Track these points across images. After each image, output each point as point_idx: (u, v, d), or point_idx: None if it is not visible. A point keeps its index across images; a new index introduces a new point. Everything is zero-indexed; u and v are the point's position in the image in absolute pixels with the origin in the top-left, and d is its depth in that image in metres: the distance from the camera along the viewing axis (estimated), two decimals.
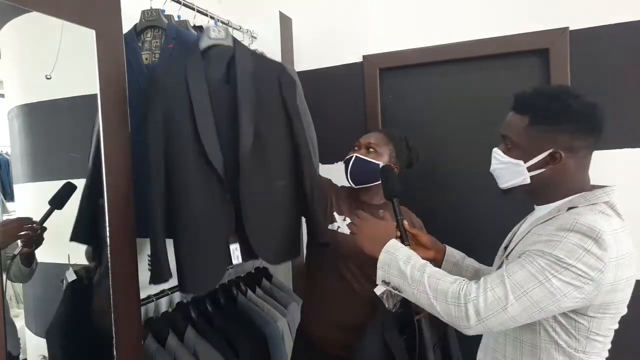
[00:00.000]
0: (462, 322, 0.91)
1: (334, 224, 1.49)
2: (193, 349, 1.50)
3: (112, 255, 1.10)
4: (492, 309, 0.89)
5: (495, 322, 0.89)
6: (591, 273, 0.86)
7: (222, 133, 1.28)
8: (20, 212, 1.12)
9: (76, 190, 1.12)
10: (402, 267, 1.02)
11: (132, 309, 1.18)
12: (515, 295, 0.88)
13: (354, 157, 1.48)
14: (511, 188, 1.06)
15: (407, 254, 1.05)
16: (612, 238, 0.87)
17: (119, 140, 1.13)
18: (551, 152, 0.96)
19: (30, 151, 1.12)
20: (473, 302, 0.90)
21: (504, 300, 0.88)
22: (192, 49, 1.32)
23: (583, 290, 0.87)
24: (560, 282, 0.86)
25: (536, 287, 0.87)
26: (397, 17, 2.00)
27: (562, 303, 0.88)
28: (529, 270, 0.89)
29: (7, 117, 1.11)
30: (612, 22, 1.67)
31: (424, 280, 0.97)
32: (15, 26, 1.04)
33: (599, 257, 0.86)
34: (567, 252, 0.87)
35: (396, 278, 1.03)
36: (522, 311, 0.88)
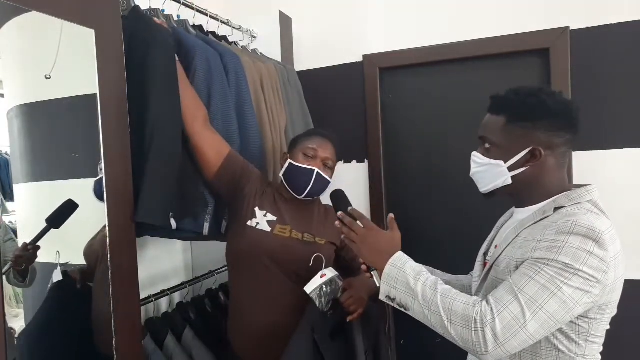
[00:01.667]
0: (479, 347, 0.85)
1: (252, 220, 1.35)
2: (189, 351, 1.50)
3: (112, 255, 1.10)
4: (510, 330, 0.84)
5: (515, 343, 0.84)
6: (597, 275, 0.85)
7: None
8: (20, 212, 1.12)
9: (77, 209, 1.09)
10: (412, 283, 0.93)
11: (132, 309, 1.18)
12: (531, 311, 0.84)
13: (315, 172, 1.37)
14: (493, 191, 1.04)
15: (416, 269, 0.97)
16: (609, 237, 0.88)
17: (119, 140, 1.13)
18: (531, 149, 0.95)
19: (30, 151, 1.12)
20: (490, 325, 0.84)
21: (521, 318, 0.84)
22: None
23: (592, 294, 0.86)
24: (571, 289, 0.85)
25: (550, 299, 0.84)
26: (397, 17, 2.00)
27: (574, 312, 0.86)
28: (538, 282, 0.86)
29: (7, 117, 1.11)
30: (612, 22, 1.68)
31: (437, 301, 0.90)
32: (15, 26, 1.04)
33: (601, 258, 0.86)
34: (572, 256, 0.85)
35: (403, 295, 0.95)
36: (540, 327, 0.85)
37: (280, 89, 1.78)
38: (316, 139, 1.43)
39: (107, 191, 1.10)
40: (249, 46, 1.92)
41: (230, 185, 1.38)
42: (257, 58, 1.76)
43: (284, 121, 1.74)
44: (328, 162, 1.41)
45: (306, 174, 1.38)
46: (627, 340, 1.70)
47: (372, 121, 2.05)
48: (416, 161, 2.06)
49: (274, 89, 1.73)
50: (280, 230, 1.37)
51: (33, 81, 1.14)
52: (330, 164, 1.42)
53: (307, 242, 1.38)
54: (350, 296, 1.24)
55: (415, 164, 2.06)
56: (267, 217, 1.37)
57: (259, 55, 1.87)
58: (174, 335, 1.51)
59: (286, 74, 1.87)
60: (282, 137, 1.71)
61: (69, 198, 1.08)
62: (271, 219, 1.37)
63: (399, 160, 2.08)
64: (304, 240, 1.38)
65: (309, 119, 1.97)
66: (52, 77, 1.10)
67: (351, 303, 1.23)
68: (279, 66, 1.85)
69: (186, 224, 1.33)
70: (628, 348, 1.71)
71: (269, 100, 1.68)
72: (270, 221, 1.37)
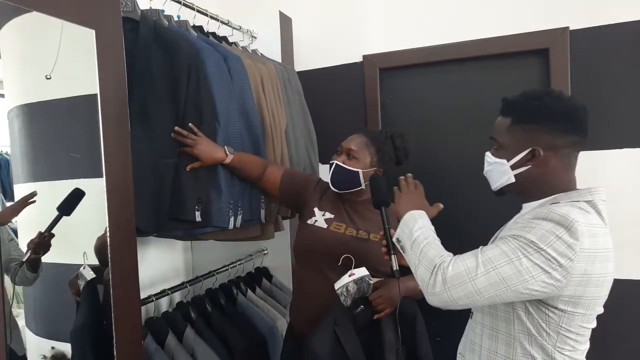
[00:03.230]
0: (429, 288, 0.94)
1: (312, 218, 1.49)
2: (191, 350, 1.50)
3: (112, 255, 1.10)
4: (459, 278, 0.91)
5: (461, 292, 0.91)
6: (560, 259, 0.88)
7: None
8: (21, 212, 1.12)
9: (84, 196, 1.11)
10: (415, 229, 1.05)
11: (132, 309, 1.18)
12: (485, 268, 0.90)
13: (334, 164, 1.48)
14: (502, 190, 1.08)
15: (425, 224, 1.08)
16: (585, 229, 0.89)
17: (119, 140, 1.13)
18: (531, 149, 0.99)
19: (30, 151, 1.12)
20: (443, 269, 0.93)
21: (473, 271, 0.91)
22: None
23: (551, 276, 0.88)
24: (530, 262, 0.88)
25: (506, 264, 0.89)
26: (397, 17, 2.00)
27: (529, 284, 0.89)
28: (501, 249, 0.92)
29: (7, 117, 1.11)
30: (612, 22, 1.68)
31: (421, 246, 1.01)
32: (15, 26, 1.04)
33: (569, 245, 0.88)
34: (539, 236, 0.89)
35: (406, 238, 1.07)
36: (488, 285, 0.90)
37: (281, 90, 1.78)
38: (350, 136, 1.53)
39: (108, 191, 1.10)
40: (249, 47, 1.92)
41: (293, 197, 1.56)
42: (257, 59, 1.76)
43: (284, 122, 1.74)
44: (351, 152, 1.48)
45: (330, 167, 1.49)
46: (628, 340, 1.70)
47: (372, 121, 2.05)
48: (416, 161, 2.06)
49: (274, 89, 1.73)
50: (336, 227, 1.47)
51: (33, 81, 1.14)
52: (355, 154, 1.47)
53: (360, 238, 1.46)
54: (379, 295, 1.33)
55: (415, 163, 2.06)
56: (325, 215, 1.49)
57: (259, 56, 1.87)
58: (175, 335, 1.51)
59: (286, 75, 1.87)
60: (282, 138, 1.71)
61: (76, 187, 1.11)
62: (329, 217, 1.49)
63: None
64: (358, 236, 1.46)
65: (309, 120, 1.97)
66: (53, 77, 1.10)
67: (380, 302, 1.32)
68: (279, 67, 1.85)
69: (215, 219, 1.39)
70: (629, 347, 1.71)
71: (269, 101, 1.68)
72: (328, 219, 1.48)
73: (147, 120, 1.33)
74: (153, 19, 1.37)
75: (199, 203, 1.35)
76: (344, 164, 1.46)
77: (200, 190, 1.36)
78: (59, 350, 1.15)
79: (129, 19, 1.32)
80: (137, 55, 1.31)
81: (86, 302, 1.16)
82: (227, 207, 1.41)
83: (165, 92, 1.34)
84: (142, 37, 1.33)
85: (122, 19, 1.17)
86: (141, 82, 1.31)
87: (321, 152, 1.95)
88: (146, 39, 1.33)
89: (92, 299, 1.16)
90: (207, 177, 1.38)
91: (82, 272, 1.14)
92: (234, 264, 1.91)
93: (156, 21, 1.38)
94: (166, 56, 1.34)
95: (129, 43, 1.22)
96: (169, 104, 1.35)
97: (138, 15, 1.35)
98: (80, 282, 1.15)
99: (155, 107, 1.34)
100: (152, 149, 1.33)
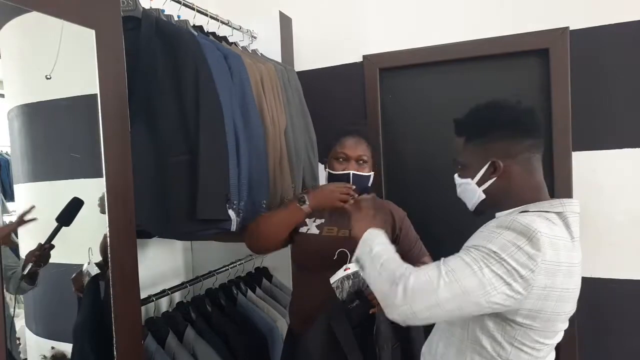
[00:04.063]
0: (389, 300, 0.91)
1: (304, 227, 1.50)
2: (192, 350, 1.51)
3: (112, 255, 1.10)
4: (421, 289, 0.88)
5: (422, 304, 0.87)
6: (522, 271, 0.85)
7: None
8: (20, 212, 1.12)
9: (83, 205, 1.11)
10: (374, 245, 1.04)
11: (132, 309, 1.18)
12: (448, 279, 0.87)
13: (350, 174, 1.47)
14: (478, 208, 1.07)
15: (385, 241, 1.06)
16: (548, 241, 0.87)
17: (119, 140, 1.13)
18: (491, 162, 0.99)
19: (30, 151, 1.12)
20: (405, 280, 0.90)
21: (435, 282, 0.87)
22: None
23: (512, 287, 0.86)
24: (492, 273, 0.86)
25: (469, 276, 0.86)
26: (397, 17, 2.00)
27: (491, 297, 0.86)
28: (463, 259, 0.89)
29: (7, 117, 1.11)
30: (612, 22, 1.68)
31: (381, 260, 0.98)
32: (15, 26, 1.04)
33: (530, 256, 0.85)
34: (500, 246, 0.87)
35: (366, 254, 1.04)
36: (451, 297, 0.86)
37: (281, 90, 1.78)
38: (345, 140, 1.51)
39: (108, 191, 1.10)
40: (249, 47, 1.92)
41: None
42: (257, 59, 1.76)
43: (283, 122, 1.74)
44: (362, 158, 1.49)
45: (343, 179, 1.48)
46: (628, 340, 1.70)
47: (372, 121, 2.04)
48: (416, 161, 2.06)
49: (274, 89, 1.73)
50: (328, 230, 1.49)
51: (33, 81, 1.14)
52: (365, 159, 1.49)
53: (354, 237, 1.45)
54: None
55: (416, 164, 2.06)
56: (316, 222, 1.51)
57: (259, 56, 1.87)
58: (175, 335, 1.51)
59: (286, 75, 1.87)
60: (281, 138, 1.71)
61: (75, 196, 1.10)
62: (320, 223, 1.50)
63: (399, 160, 2.08)
64: (351, 237, 1.45)
65: (309, 120, 1.97)
66: (53, 77, 1.10)
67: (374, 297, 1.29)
68: (278, 66, 1.85)
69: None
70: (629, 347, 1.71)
71: (269, 100, 1.68)
72: (319, 224, 1.50)
73: (152, 118, 1.30)
74: (155, 16, 1.37)
75: (228, 200, 1.34)
76: (358, 172, 1.48)
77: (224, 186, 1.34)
78: (59, 350, 1.15)
79: (130, 18, 1.32)
80: (140, 52, 1.30)
81: (89, 298, 1.16)
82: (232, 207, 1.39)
83: (170, 87, 1.32)
84: (145, 33, 1.31)
85: (124, 18, 1.17)
86: (145, 78, 1.30)
87: (321, 152, 1.95)
88: (149, 34, 1.32)
89: (95, 295, 1.16)
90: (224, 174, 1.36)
91: (87, 267, 1.14)
92: (234, 264, 1.91)
93: (158, 17, 1.37)
94: (169, 50, 1.32)
95: (132, 41, 1.22)
96: (174, 100, 1.32)
97: (140, 13, 1.35)
98: (84, 278, 1.15)
99: (160, 103, 1.31)
100: (157, 146, 1.30)
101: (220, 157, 1.34)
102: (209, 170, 1.30)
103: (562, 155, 1.75)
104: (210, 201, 1.29)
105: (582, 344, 1.68)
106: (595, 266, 1.70)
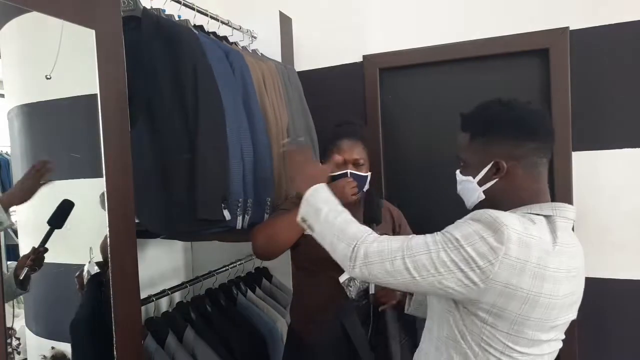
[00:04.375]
0: (349, 261, 0.94)
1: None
2: (192, 350, 1.50)
3: (112, 255, 1.10)
4: (380, 256, 0.92)
5: (379, 269, 0.92)
6: (479, 261, 0.84)
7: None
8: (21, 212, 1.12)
9: (74, 207, 1.10)
10: (320, 206, 1.04)
11: (132, 309, 1.18)
12: (405, 253, 0.91)
13: (349, 174, 1.45)
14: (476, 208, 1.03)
15: (329, 197, 1.07)
16: (516, 237, 0.84)
17: (119, 140, 1.13)
18: (494, 162, 0.96)
19: (30, 151, 1.12)
20: (366, 245, 0.94)
21: (394, 252, 0.91)
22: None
23: (467, 275, 0.85)
24: (448, 257, 0.87)
25: (424, 253, 0.89)
26: (397, 17, 2.00)
27: (443, 279, 0.87)
28: (425, 240, 0.92)
29: (7, 117, 1.11)
30: (612, 22, 1.68)
31: (336, 222, 1.00)
32: (15, 26, 1.04)
33: (492, 247, 0.84)
34: (464, 235, 0.87)
35: (313, 216, 1.05)
36: (404, 270, 0.90)
37: (282, 88, 1.78)
38: (342, 143, 1.50)
39: (108, 191, 1.10)
40: (249, 46, 1.92)
41: None
42: (257, 58, 1.76)
43: (285, 120, 1.75)
44: (358, 161, 1.48)
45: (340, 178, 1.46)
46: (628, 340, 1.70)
47: (372, 121, 2.04)
48: (416, 161, 2.06)
49: (275, 87, 1.73)
50: None
51: (33, 81, 1.15)
52: (362, 162, 1.49)
53: None
54: (382, 288, 1.33)
55: (416, 163, 2.06)
56: None
57: (259, 56, 1.87)
58: (175, 335, 1.51)
59: (286, 74, 1.87)
60: (284, 136, 1.72)
61: (64, 198, 1.10)
62: None
63: (399, 160, 2.08)
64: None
65: (310, 119, 1.97)
66: (53, 77, 1.10)
67: (383, 294, 1.34)
68: (279, 66, 1.85)
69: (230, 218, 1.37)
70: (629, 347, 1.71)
71: (272, 97, 1.68)
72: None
73: (152, 118, 1.30)
74: (155, 15, 1.37)
75: (225, 201, 1.33)
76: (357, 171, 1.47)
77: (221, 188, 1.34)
78: (59, 350, 1.15)
79: (131, 17, 1.32)
80: (140, 51, 1.29)
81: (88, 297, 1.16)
82: (236, 205, 1.39)
83: (170, 85, 1.31)
84: (145, 32, 1.31)
85: (124, 18, 1.16)
86: (145, 78, 1.29)
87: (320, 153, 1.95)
88: (149, 33, 1.31)
89: (94, 294, 1.16)
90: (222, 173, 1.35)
91: (88, 266, 1.14)
92: (234, 264, 1.91)
93: (158, 15, 1.37)
94: (169, 48, 1.31)
95: (133, 41, 1.22)
96: (173, 98, 1.31)
97: (140, 12, 1.34)
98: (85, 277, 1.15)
99: (160, 102, 1.30)
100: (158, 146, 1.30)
101: (220, 156, 1.34)
102: (206, 170, 1.29)
103: (562, 155, 1.75)
104: (207, 201, 1.29)
105: (582, 343, 1.68)
106: (596, 266, 1.70)
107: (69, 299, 1.19)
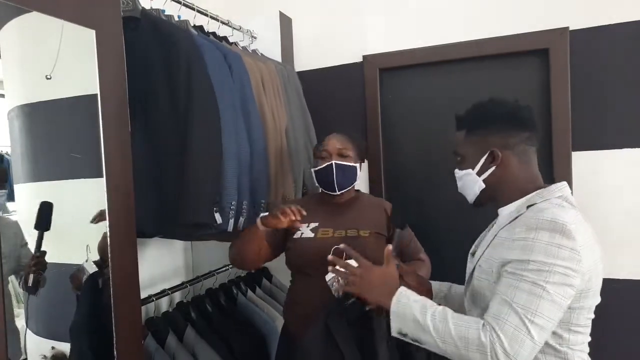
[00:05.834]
0: None
1: (298, 232, 1.49)
2: (192, 350, 1.50)
3: (112, 255, 1.10)
4: (516, 341, 0.87)
5: (524, 353, 0.87)
6: (572, 266, 0.89)
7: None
8: (20, 212, 1.12)
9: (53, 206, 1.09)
10: (420, 318, 0.97)
11: (132, 309, 1.18)
12: (529, 318, 0.88)
13: (332, 164, 1.45)
14: (478, 200, 1.11)
15: (421, 302, 1.01)
16: (574, 227, 0.91)
17: (119, 140, 1.13)
18: (490, 152, 1.05)
19: (30, 151, 1.12)
20: (498, 343, 0.88)
21: (523, 327, 0.88)
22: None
23: (574, 285, 0.89)
24: (554, 286, 0.88)
25: (540, 301, 0.88)
26: (397, 17, 2.00)
27: (564, 302, 0.89)
28: (524, 289, 0.89)
29: (7, 117, 1.11)
30: (612, 22, 1.68)
31: (450, 331, 0.93)
32: (15, 26, 1.04)
33: (571, 248, 0.89)
34: (544, 253, 0.89)
35: (414, 330, 0.99)
36: (541, 330, 0.88)
37: (281, 89, 1.78)
38: (326, 139, 1.51)
39: (108, 191, 1.10)
40: (249, 47, 1.92)
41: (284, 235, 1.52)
42: (257, 58, 1.76)
43: (284, 121, 1.75)
44: (343, 151, 1.47)
45: (326, 171, 1.47)
46: (628, 340, 1.70)
47: (372, 121, 2.05)
48: (416, 161, 2.06)
49: (274, 88, 1.73)
50: (323, 233, 1.48)
51: (33, 81, 1.14)
52: (347, 152, 1.48)
53: (350, 237, 1.46)
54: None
55: (415, 164, 2.06)
56: (310, 226, 1.49)
57: (259, 56, 1.87)
58: (175, 335, 1.51)
59: (286, 74, 1.87)
60: (282, 137, 1.72)
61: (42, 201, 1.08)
62: (314, 226, 1.49)
63: (399, 160, 2.08)
64: (347, 236, 1.47)
65: (309, 119, 1.97)
66: (53, 77, 1.10)
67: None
68: (279, 66, 1.85)
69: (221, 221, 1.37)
70: (629, 347, 1.71)
71: (270, 99, 1.68)
72: (313, 228, 1.48)
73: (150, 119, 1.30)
74: (154, 15, 1.37)
75: (215, 204, 1.33)
76: (342, 161, 1.46)
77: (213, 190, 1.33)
78: (59, 350, 1.15)
79: (132, 18, 1.32)
80: (139, 51, 1.30)
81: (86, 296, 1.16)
82: (228, 208, 1.40)
83: (165, 86, 1.31)
84: (143, 32, 1.31)
85: (125, 19, 1.17)
86: (142, 78, 1.30)
87: None
88: (147, 34, 1.32)
89: (93, 293, 1.16)
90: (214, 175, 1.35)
91: (84, 265, 1.14)
92: None
93: (156, 16, 1.37)
94: (165, 49, 1.31)
95: (132, 42, 1.22)
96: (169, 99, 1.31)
97: (139, 13, 1.35)
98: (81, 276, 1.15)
99: (157, 103, 1.31)
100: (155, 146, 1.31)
101: (212, 158, 1.33)
102: (197, 172, 1.28)
103: (562, 155, 1.75)
104: (195, 205, 1.28)
105: None
106: None
107: (69, 299, 1.19)
